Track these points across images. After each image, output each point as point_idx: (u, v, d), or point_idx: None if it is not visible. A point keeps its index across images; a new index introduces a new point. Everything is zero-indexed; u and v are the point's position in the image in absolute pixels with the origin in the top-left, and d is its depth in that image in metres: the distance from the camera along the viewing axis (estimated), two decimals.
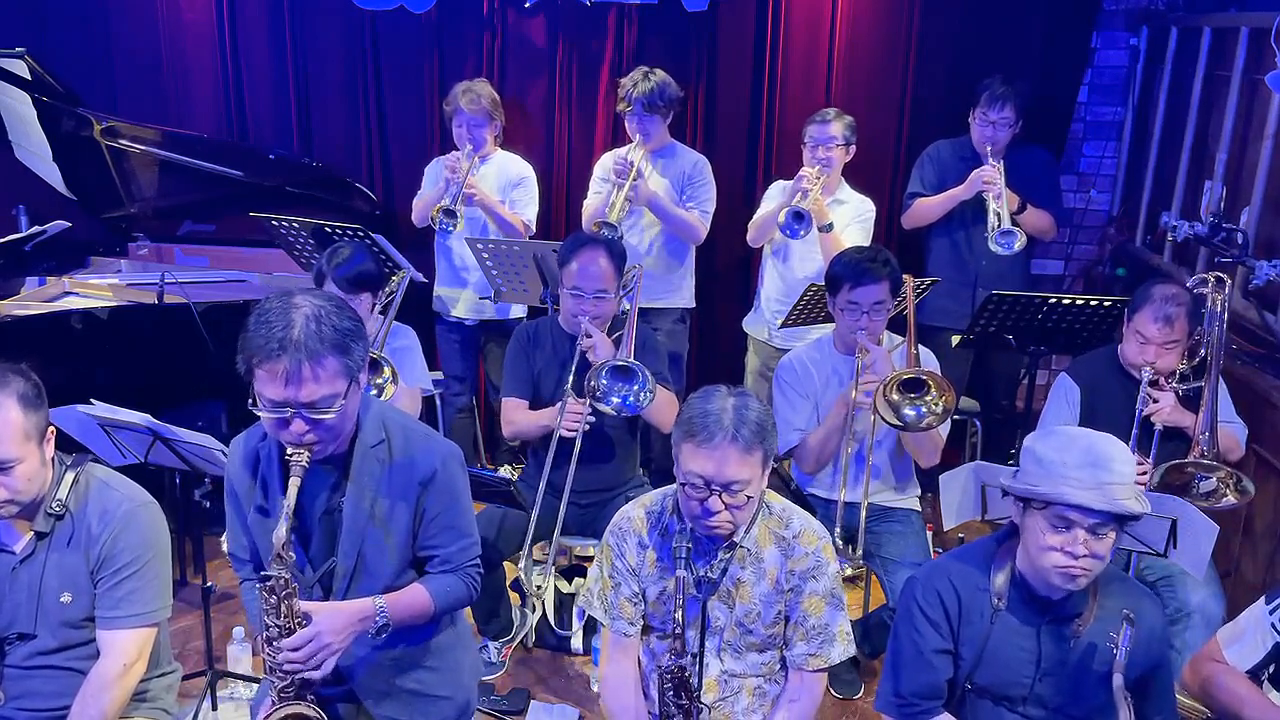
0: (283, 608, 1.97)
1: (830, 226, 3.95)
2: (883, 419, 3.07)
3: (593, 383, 3.11)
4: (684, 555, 2.07)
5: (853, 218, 4.06)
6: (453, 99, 4.17)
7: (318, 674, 2.01)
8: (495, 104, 4.19)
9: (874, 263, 3.15)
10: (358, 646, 2.13)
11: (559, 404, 3.20)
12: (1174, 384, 3.05)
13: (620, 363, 3.12)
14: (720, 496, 2.07)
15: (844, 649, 2.25)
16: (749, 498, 2.10)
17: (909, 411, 3.07)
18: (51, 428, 2.22)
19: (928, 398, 3.06)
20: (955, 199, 4.10)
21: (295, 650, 1.97)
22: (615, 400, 3.13)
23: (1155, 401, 3.00)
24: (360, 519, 2.06)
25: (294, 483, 1.93)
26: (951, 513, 2.82)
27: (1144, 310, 3.00)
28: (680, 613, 2.03)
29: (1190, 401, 3.04)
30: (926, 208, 4.20)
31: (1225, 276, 3.19)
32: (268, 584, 1.95)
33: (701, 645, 2.21)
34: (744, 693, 2.27)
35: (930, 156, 4.29)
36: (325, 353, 1.88)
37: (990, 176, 3.97)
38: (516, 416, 3.31)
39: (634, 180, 3.96)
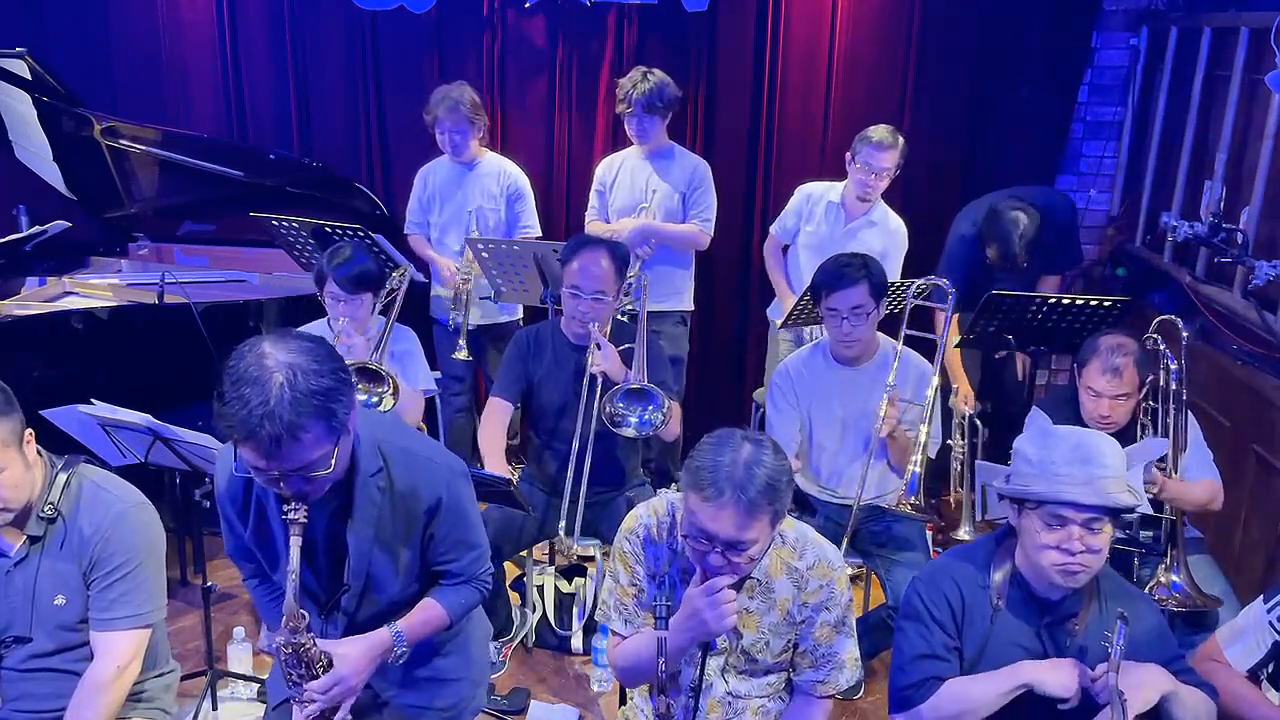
0: (303, 659, 2.00)
1: None
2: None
3: (609, 409, 3.13)
4: (663, 615, 1.97)
5: (881, 250, 3.95)
6: (432, 107, 4.13)
7: (342, 713, 2.05)
8: (476, 107, 4.14)
9: (850, 267, 3.13)
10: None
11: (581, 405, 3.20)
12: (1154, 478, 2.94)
13: (634, 386, 3.13)
14: (723, 554, 1.97)
15: (851, 675, 2.19)
16: (752, 558, 2.01)
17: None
18: (29, 430, 2.19)
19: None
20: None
21: (321, 693, 2.01)
22: (634, 420, 3.15)
23: None
24: (364, 546, 2.05)
25: (295, 543, 1.87)
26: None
27: (1091, 364, 2.92)
28: (663, 667, 1.94)
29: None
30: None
31: (1183, 335, 3.05)
32: (283, 640, 1.96)
33: (702, 667, 2.15)
34: (748, 713, 2.23)
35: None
36: (306, 425, 1.76)
37: None
38: (487, 435, 3.34)
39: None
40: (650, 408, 3.14)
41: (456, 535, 2.14)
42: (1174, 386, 2.93)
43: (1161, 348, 2.97)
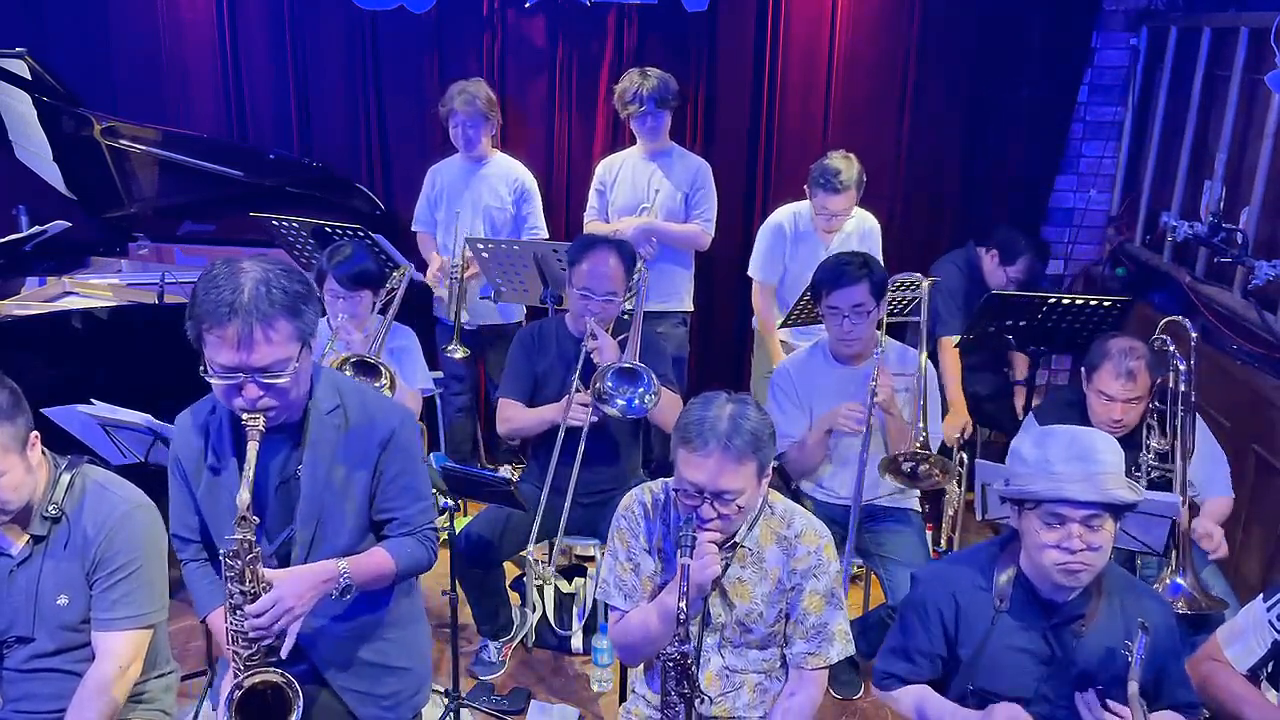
0: (246, 573, 1.96)
1: None
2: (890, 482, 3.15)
3: (598, 385, 3.11)
4: (689, 544, 2.05)
5: (857, 245, 3.95)
6: (448, 100, 4.17)
7: (283, 641, 1.99)
8: (491, 104, 4.19)
9: (850, 265, 3.14)
10: (317, 619, 2.13)
11: (564, 398, 3.19)
12: (1149, 460, 2.96)
13: (625, 365, 3.12)
14: (712, 504, 2.07)
15: (842, 648, 2.25)
16: (740, 508, 2.09)
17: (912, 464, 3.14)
18: (35, 433, 2.18)
19: (933, 464, 3.09)
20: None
21: (259, 616, 1.95)
22: (620, 403, 3.13)
23: None
24: (318, 486, 2.06)
25: (252, 446, 1.92)
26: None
27: (1103, 368, 2.92)
28: (684, 600, 2.02)
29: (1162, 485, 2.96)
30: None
31: (1191, 336, 3.05)
32: (231, 549, 1.94)
33: (700, 640, 2.21)
34: (745, 689, 2.27)
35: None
36: (276, 315, 1.88)
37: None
38: (513, 414, 3.31)
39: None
40: (640, 390, 3.12)
41: (404, 480, 2.15)
42: (1183, 388, 2.92)
43: (1171, 349, 2.97)
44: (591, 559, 3.74)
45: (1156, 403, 2.98)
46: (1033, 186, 4.77)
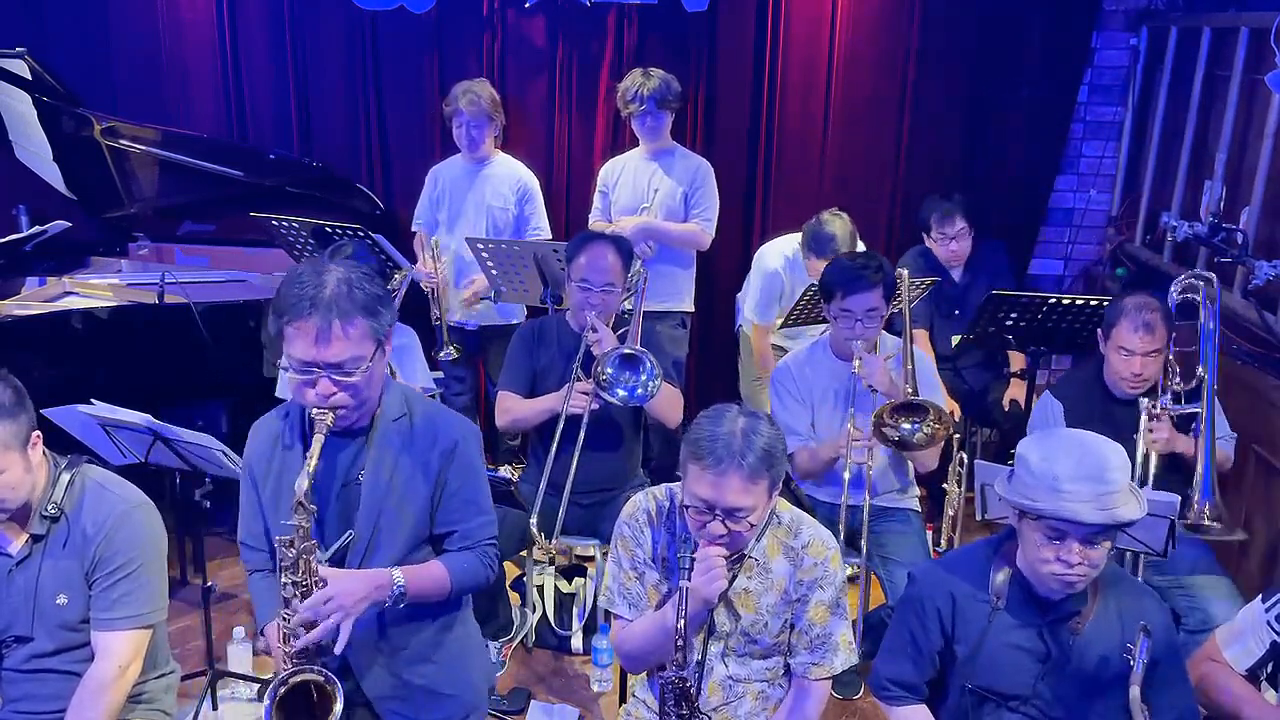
0: (301, 563, 1.97)
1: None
2: (880, 442, 3.11)
3: (599, 370, 3.11)
4: (688, 566, 2.03)
5: None
6: (452, 99, 4.18)
7: (330, 636, 1.99)
8: (495, 104, 4.19)
9: (866, 269, 3.13)
10: (365, 638, 2.13)
11: (565, 386, 3.19)
12: (1168, 408, 2.98)
13: (627, 351, 3.12)
14: (723, 521, 2.04)
15: (846, 658, 2.23)
16: (751, 524, 2.07)
17: (906, 426, 3.10)
18: (37, 432, 2.18)
19: (928, 418, 3.08)
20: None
21: (311, 610, 1.96)
22: (622, 392, 3.13)
23: (1151, 433, 2.94)
24: (379, 490, 2.08)
25: (318, 439, 1.97)
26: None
27: (1121, 323, 2.97)
28: (682, 624, 2.00)
29: (1185, 421, 2.99)
30: None
31: (1211, 276, 3.16)
32: (288, 536, 1.96)
33: (705, 650, 2.20)
34: (747, 697, 2.26)
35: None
36: (355, 313, 1.95)
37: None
38: (512, 405, 3.32)
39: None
40: (642, 378, 3.12)
41: (467, 493, 2.16)
42: (1212, 325, 3.04)
43: (1200, 294, 3.09)
44: (591, 559, 3.74)
45: (1175, 347, 3.04)
46: (1033, 186, 4.78)
